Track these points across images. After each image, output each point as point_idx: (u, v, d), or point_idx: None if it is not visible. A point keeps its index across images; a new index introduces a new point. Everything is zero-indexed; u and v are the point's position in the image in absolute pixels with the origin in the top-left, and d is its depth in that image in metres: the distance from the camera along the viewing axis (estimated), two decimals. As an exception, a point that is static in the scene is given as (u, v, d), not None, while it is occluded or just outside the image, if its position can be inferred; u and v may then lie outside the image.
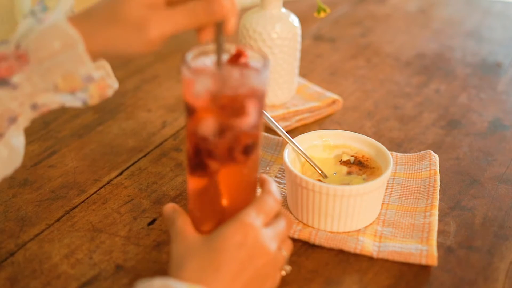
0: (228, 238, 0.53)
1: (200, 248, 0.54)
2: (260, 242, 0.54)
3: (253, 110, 0.55)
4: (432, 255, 0.63)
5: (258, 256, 0.54)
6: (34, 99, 0.56)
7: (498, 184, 0.78)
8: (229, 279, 0.52)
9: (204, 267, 0.52)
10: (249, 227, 0.54)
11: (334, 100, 0.95)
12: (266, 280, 0.55)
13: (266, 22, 0.88)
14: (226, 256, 0.52)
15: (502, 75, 1.09)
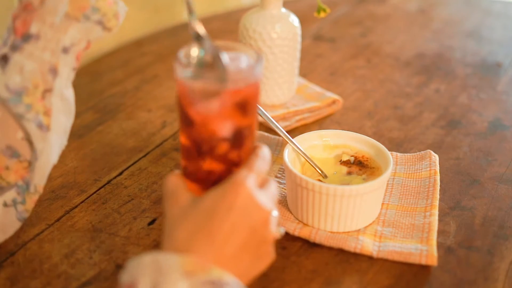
0: (218, 200, 0.51)
1: (191, 212, 0.51)
2: (253, 201, 0.51)
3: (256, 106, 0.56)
4: (432, 255, 0.63)
5: (252, 216, 0.51)
6: (60, 42, 0.59)
7: (498, 184, 0.78)
8: (221, 243, 0.49)
9: (195, 232, 0.50)
10: (241, 186, 0.51)
11: (334, 100, 0.95)
12: (261, 241, 0.53)
13: (266, 22, 0.88)
14: (217, 219, 0.50)
15: (502, 75, 1.09)
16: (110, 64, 1.11)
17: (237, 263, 0.51)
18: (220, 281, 0.47)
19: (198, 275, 0.46)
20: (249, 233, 0.51)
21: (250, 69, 0.54)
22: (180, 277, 0.46)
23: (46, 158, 0.61)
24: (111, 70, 1.08)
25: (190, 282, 0.46)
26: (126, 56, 1.15)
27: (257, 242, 0.52)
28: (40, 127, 0.60)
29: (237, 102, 0.53)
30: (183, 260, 0.47)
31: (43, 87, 0.59)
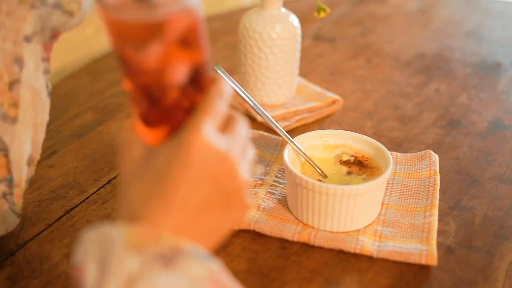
0: (172, 154, 0.44)
1: (144, 170, 0.45)
2: (213, 149, 0.44)
3: None
4: (432, 255, 0.63)
5: (213, 167, 0.45)
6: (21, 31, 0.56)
7: (498, 184, 0.78)
8: (179, 204, 0.43)
9: (148, 195, 0.44)
10: (196, 135, 0.44)
11: (334, 100, 0.95)
12: (230, 192, 0.46)
13: (266, 22, 0.88)
14: (172, 177, 0.43)
15: (502, 75, 1.09)
16: (110, 64, 1.11)
17: (203, 220, 0.45)
18: (174, 250, 0.41)
19: (148, 247, 0.41)
20: (213, 187, 0.45)
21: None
22: (128, 253, 0.40)
23: (18, 150, 0.60)
24: (111, 70, 1.08)
25: (140, 257, 0.40)
26: (126, 56, 1.15)
27: (224, 194, 0.46)
28: (4, 120, 0.58)
29: (177, 36, 0.46)
30: (130, 232, 0.41)
31: (8, 78, 0.58)
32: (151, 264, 0.40)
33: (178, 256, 0.41)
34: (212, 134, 0.45)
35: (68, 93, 1.01)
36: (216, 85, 0.48)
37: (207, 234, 0.46)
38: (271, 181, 0.75)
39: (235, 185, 0.46)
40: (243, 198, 0.47)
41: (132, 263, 0.40)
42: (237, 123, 0.48)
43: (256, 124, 0.90)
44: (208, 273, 0.42)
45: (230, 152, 0.46)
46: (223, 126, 0.48)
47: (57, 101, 0.97)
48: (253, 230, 0.68)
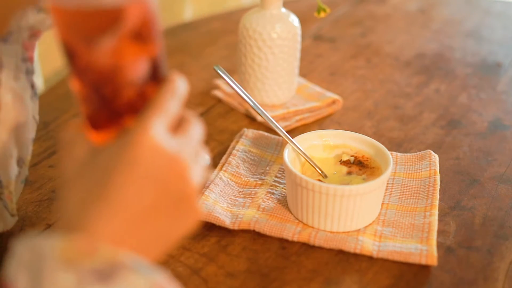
0: (116, 154, 0.40)
1: (85, 171, 0.41)
2: (162, 151, 0.41)
3: None
4: (432, 255, 0.63)
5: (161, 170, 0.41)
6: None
7: (498, 184, 0.78)
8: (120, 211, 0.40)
9: (87, 200, 0.40)
10: (143, 135, 0.40)
11: (334, 100, 0.95)
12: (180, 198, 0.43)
13: (266, 22, 0.88)
14: (114, 180, 0.40)
15: (502, 75, 1.09)
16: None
17: (145, 230, 0.41)
18: (112, 265, 0.38)
19: (83, 262, 0.37)
20: (160, 191, 0.41)
21: None
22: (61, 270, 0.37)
23: (1, 152, 0.58)
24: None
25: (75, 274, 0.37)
26: (126, 56, 1.15)
27: (173, 199, 0.42)
28: None
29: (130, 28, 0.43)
30: (64, 245, 0.38)
31: None
32: (87, 281, 0.37)
33: (117, 270, 0.38)
34: (161, 134, 0.41)
35: (68, 93, 1.01)
36: (169, 83, 0.44)
37: (153, 243, 0.42)
38: (271, 181, 0.75)
39: (185, 190, 0.43)
40: (193, 204, 0.44)
41: (65, 281, 0.37)
42: (190, 124, 0.45)
43: (256, 124, 0.90)
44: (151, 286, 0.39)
45: (181, 154, 0.42)
46: (175, 127, 0.44)
47: (57, 101, 0.97)
48: (253, 230, 0.68)
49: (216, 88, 0.99)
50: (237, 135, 0.84)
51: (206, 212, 0.68)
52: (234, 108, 0.94)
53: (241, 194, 0.73)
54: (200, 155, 0.45)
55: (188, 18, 1.37)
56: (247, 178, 0.75)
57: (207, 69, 1.07)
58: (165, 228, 0.43)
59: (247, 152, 0.80)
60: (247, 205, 0.70)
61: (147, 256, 0.41)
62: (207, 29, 1.27)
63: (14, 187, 0.62)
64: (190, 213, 0.44)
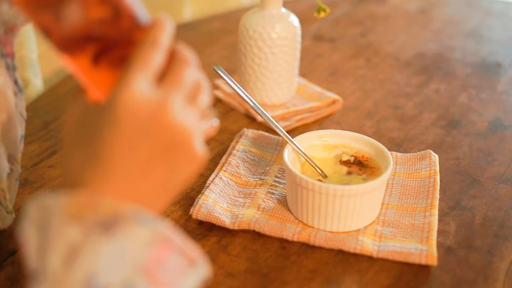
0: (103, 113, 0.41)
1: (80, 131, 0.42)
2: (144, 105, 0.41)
3: None
4: (432, 255, 0.63)
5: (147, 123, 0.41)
6: None
7: (498, 184, 0.78)
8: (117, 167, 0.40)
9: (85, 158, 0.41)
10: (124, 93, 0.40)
11: (334, 100, 0.95)
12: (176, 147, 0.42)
13: (266, 22, 0.88)
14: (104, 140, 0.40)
15: (502, 75, 1.09)
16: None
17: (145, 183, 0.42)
18: (115, 217, 0.39)
19: (87, 216, 0.39)
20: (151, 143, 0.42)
21: None
22: (67, 223, 0.39)
23: None
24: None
25: (81, 227, 0.39)
26: (126, 56, 1.15)
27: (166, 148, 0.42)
28: None
29: None
30: (68, 202, 0.39)
31: None
32: (92, 233, 0.38)
33: (119, 222, 0.39)
34: (143, 88, 0.41)
35: (68, 93, 1.01)
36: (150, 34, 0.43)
37: (154, 193, 0.43)
38: (271, 181, 0.75)
39: (178, 137, 0.42)
40: (191, 148, 0.43)
41: (72, 233, 0.38)
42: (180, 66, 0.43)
43: (256, 124, 0.90)
44: (155, 236, 0.40)
45: (166, 101, 0.41)
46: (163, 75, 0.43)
47: (57, 101, 0.97)
48: (253, 230, 0.68)
49: (216, 88, 0.99)
50: (237, 135, 0.84)
51: (206, 212, 0.68)
52: (234, 108, 0.94)
53: (241, 194, 0.73)
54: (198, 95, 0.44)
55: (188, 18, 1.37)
56: (247, 178, 0.75)
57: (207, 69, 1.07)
58: (165, 177, 0.43)
59: (247, 152, 0.80)
60: (247, 205, 0.70)
61: (151, 208, 0.42)
62: (207, 29, 1.27)
63: (6, 185, 0.62)
64: (189, 157, 0.43)
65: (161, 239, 0.40)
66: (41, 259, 0.38)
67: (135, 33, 0.44)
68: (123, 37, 0.44)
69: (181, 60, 0.44)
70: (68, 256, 0.38)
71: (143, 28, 0.44)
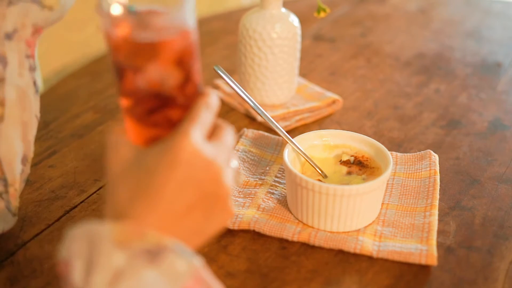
0: (160, 156, 0.45)
1: (132, 169, 0.46)
2: (199, 155, 0.46)
3: None
4: (432, 255, 0.63)
5: (199, 172, 0.46)
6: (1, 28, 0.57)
7: (498, 184, 0.78)
8: (163, 204, 0.45)
9: (135, 193, 0.45)
10: (184, 140, 0.45)
11: (334, 100, 0.95)
12: (214, 198, 0.47)
13: (266, 22, 0.88)
14: (159, 178, 0.45)
15: (502, 75, 1.09)
16: (110, 64, 1.11)
17: (186, 223, 0.46)
18: (158, 247, 0.42)
19: (133, 244, 0.42)
20: (197, 191, 0.46)
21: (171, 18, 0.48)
22: (114, 249, 0.41)
23: (7, 149, 0.59)
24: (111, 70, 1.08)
25: (126, 253, 0.41)
26: (126, 56, 1.15)
27: (208, 199, 0.47)
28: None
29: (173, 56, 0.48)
30: (116, 229, 0.43)
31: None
32: (136, 259, 0.41)
33: (162, 252, 0.42)
34: (199, 140, 0.46)
35: (68, 93, 1.01)
36: (204, 97, 0.50)
37: (190, 236, 0.47)
38: (271, 181, 0.75)
39: (220, 191, 0.47)
40: (227, 204, 0.48)
41: (118, 258, 0.41)
42: (223, 131, 0.50)
43: (256, 124, 0.90)
44: (190, 269, 0.43)
45: (216, 158, 0.47)
46: (210, 135, 0.49)
47: (57, 101, 0.97)
48: (253, 230, 0.68)
49: (216, 88, 0.99)
50: (237, 135, 0.84)
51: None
52: (234, 108, 0.94)
53: (241, 194, 0.73)
54: (231, 160, 0.50)
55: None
56: (247, 178, 0.75)
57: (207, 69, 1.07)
58: (201, 223, 0.47)
59: (247, 152, 0.80)
60: (247, 205, 0.70)
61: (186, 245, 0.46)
62: (207, 29, 1.27)
63: (19, 185, 0.62)
64: (223, 212, 0.48)
65: (195, 272, 0.43)
66: (87, 279, 0.41)
67: (194, 98, 0.50)
68: (184, 100, 0.50)
69: (226, 127, 0.51)
70: (113, 279, 0.41)
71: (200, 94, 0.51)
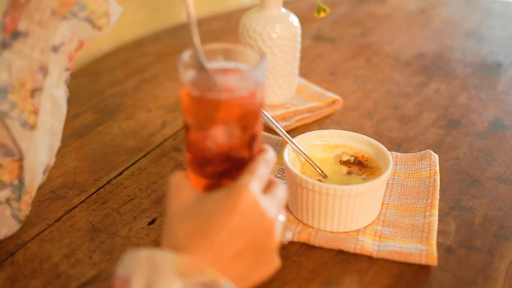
0: (220, 202, 0.50)
1: (192, 211, 0.51)
2: (256, 207, 0.50)
3: None
4: (432, 255, 0.63)
5: (254, 222, 0.50)
6: (49, 40, 0.59)
7: (498, 184, 0.78)
8: (219, 246, 0.49)
9: (194, 232, 0.49)
10: (244, 191, 0.50)
11: (334, 100, 0.95)
12: (264, 249, 0.51)
13: (266, 22, 0.88)
14: (217, 222, 0.49)
15: (502, 75, 1.09)
16: (110, 64, 1.11)
17: (235, 267, 0.50)
18: (214, 284, 0.46)
19: (192, 276, 0.46)
20: (250, 239, 0.50)
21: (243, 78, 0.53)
22: (174, 277, 0.46)
23: (33, 157, 0.60)
24: (111, 70, 1.08)
25: (184, 282, 0.45)
26: (126, 56, 1.15)
27: (258, 248, 0.51)
28: (23, 126, 0.59)
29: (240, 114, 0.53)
30: (178, 260, 0.47)
31: (31, 85, 0.59)
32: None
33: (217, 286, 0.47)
34: (257, 192, 0.51)
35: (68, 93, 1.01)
36: (262, 154, 0.55)
37: (236, 280, 0.50)
38: (271, 181, 0.75)
39: (268, 243, 0.51)
40: (273, 256, 0.52)
41: (177, 285, 0.45)
42: (277, 187, 0.54)
43: (256, 124, 0.90)
44: None
45: (270, 211, 0.51)
46: (265, 188, 0.54)
47: (57, 101, 0.97)
48: (253, 230, 0.67)
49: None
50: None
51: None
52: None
53: (241, 194, 0.72)
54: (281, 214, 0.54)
55: (188, 18, 1.37)
56: (247, 178, 0.75)
57: (207, 69, 1.08)
58: (246, 271, 0.51)
59: (247, 152, 0.80)
60: (247, 205, 0.70)
61: None
62: (207, 29, 1.27)
63: (34, 192, 0.63)
64: (268, 263, 0.52)
65: None
66: None
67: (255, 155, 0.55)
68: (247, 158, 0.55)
69: (280, 183, 0.55)
70: None
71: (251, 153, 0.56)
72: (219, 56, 0.55)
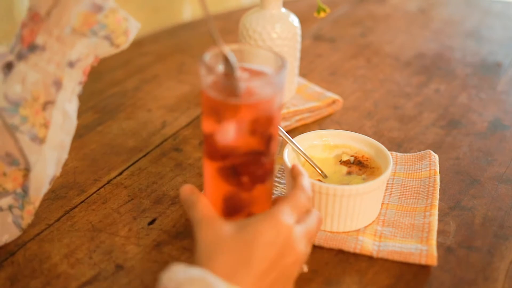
0: (261, 234, 0.52)
1: (231, 241, 0.52)
2: (291, 241, 0.53)
3: None
4: (431, 255, 0.63)
5: (287, 255, 0.53)
6: (66, 56, 0.59)
7: (498, 184, 0.78)
8: (258, 277, 0.51)
9: (236, 262, 0.51)
10: (283, 225, 0.53)
11: (334, 100, 0.95)
12: (290, 278, 0.55)
13: (266, 22, 0.88)
14: (258, 253, 0.51)
15: (502, 75, 1.09)
16: (110, 64, 1.11)
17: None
18: None
19: None
20: (282, 270, 0.53)
21: (264, 84, 0.53)
22: None
23: (41, 170, 0.60)
24: (111, 70, 1.08)
25: None
26: (126, 56, 1.15)
27: (286, 278, 0.54)
28: (33, 140, 0.59)
29: (256, 117, 0.53)
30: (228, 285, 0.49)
31: (44, 98, 0.58)
32: None
33: None
34: (294, 226, 0.54)
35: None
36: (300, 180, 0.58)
37: None
38: (271, 181, 0.75)
39: (294, 274, 0.55)
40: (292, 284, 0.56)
41: None
42: (310, 217, 0.56)
43: (256, 124, 0.90)
44: None
45: (300, 245, 0.54)
46: (299, 217, 0.56)
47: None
48: (253, 230, 0.67)
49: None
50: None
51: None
52: (234, 108, 0.94)
53: (241, 194, 0.72)
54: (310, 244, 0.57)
55: (188, 18, 1.37)
56: (247, 178, 0.75)
57: (207, 69, 1.08)
58: None
59: (247, 152, 0.80)
60: (247, 205, 0.70)
61: None
62: (207, 29, 1.27)
63: (39, 202, 0.63)
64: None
65: None
66: None
67: (270, 165, 0.57)
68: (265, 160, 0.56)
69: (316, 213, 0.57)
70: None
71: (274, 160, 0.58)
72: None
